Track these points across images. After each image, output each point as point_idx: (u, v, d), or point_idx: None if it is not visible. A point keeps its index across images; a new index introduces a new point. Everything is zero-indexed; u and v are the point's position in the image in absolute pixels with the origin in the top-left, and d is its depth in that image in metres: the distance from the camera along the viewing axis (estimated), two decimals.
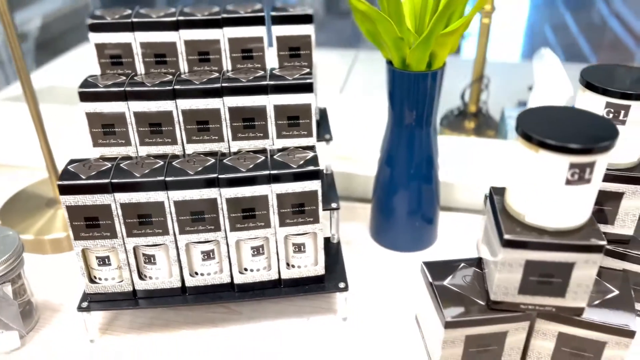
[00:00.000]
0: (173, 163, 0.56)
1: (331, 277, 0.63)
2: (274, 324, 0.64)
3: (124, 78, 0.61)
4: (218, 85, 0.59)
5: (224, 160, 0.56)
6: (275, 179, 0.54)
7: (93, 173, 0.54)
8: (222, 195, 0.55)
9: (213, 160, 0.56)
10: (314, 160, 0.56)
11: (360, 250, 0.76)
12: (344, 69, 1.35)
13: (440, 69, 0.64)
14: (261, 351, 0.61)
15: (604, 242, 0.48)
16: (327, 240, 0.69)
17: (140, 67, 0.65)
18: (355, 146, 0.90)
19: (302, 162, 0.56)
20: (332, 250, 0.68)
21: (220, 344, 0.62)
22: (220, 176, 0.54)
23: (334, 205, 0.66)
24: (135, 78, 0.61)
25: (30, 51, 1.79)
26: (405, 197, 0.72)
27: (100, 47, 0.63)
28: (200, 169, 0.55)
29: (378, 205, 0.75)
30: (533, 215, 0.49)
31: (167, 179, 0.54)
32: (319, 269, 0.61)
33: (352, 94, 1.21)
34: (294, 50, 0.66)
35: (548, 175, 0.47)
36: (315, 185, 0.56)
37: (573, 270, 0.50)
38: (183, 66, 0.65)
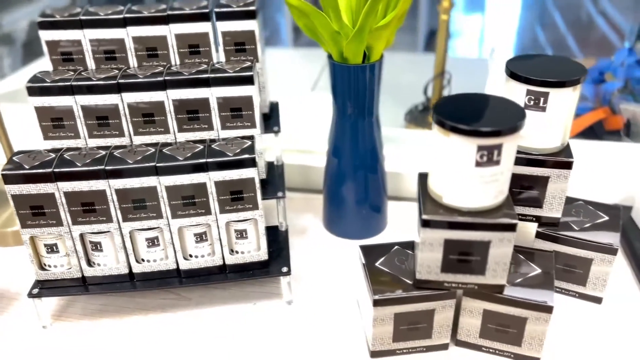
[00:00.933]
0: (115, 153, 0.58)
1: (276, 263, 0.66)
2: (222, 309, 0.67)
3: (72, 73, 0.63)
4: (162, 78, 0.62)
5: (164, 150, 0.59)
6: (212, 167, 0.57)
7: (37, 163, 0.56)
8: (162, 183, 0.57)
9: (153, 150, 0.59)
10: (250, 149, 0.58)
11: (313, 238, 0.78)
12: (317, 68, 1.38)
13: (377, 62, 0.67)
14: (210, 335, 0.63)
15: (515, 221, 0.51)
16: (275, 229, 0.72)
17: (90, 63, 0.67)
18: (316, 140, 0.93)
19: (238, 150, 0.58)
20: (280, 238, 0.70)
21: (170, 329, 0.64)
22: (158, 164, 0.56)
23: (279, 194, 0.69)
24: (83, 73, 0.63)
25: (18, 51, 1.82)
26: (352, 187, 0.75)
27: (51, 45, 0.66)
28: (139, 158, 0.57)
29: (328, 195, 0.78)
30: (450, 197, 0.52)
31: (106, 167, 0.56)
32: (262, 255, 0.64)
33: (323, 92, 1.24)
34: (240, 45, 0.69)
35: (459, 157, 0.49)
36: (251, 172, 0.58)
37: (490, 249, 0.52)
38: (132, 62, 0.68)
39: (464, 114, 0.50)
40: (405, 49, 2.50)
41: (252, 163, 0.58)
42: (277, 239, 0.70)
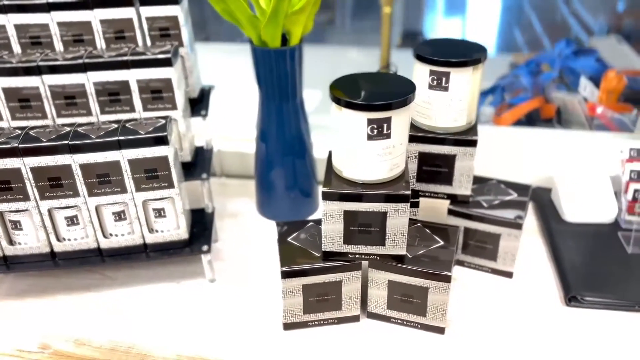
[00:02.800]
0: (30, 132, 0.60)
1: (197, 242, 0.68)
2: (146, 288, 0.68)
3: None
4: (81, 61, 0.63)
5: (79, 129, 0.60)
6: (124, 144, 0.59)
7: None
8: (76, 161, 0.59)
9: (68, 130, 0.60)
10: (163, 128, 0.60)
11: (245, 221, 0.80)
12: None
13: (297, 46, 0.69)
14: (133, 313, 0.65)
15: (407, 192, 0.53)
16: (202, 211, 0.74)
17: (16, 48, 0.69)
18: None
19: (151, 129, 0.60)
20: (206, 219, 0.72)
21: (95, 308, 0.66)
22: (70, 142, 0.58)
23: (203, 175, 0.71)
24: (4, 57, 0.64)
25: None
26: (281, 171, 0.77)
27: None
28: (54, 136, 0.59)
29: (258, 180, 0.80)
30: (348, 171, 0.54)
31: (20, 146, 0.57)
32: (182, 233, 0.66)
33: None
34: (164, 30, 0.71)
35: (352, 131, 0.52)
36: (164, 151, 0.60)
37: (387, 219, 0.55)
38: (58, 47, 0.69)
39: (357, 91, 0.52)
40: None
41: (163, 141, 0.59)
42: (202, 220, 0.72)
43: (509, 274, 0.68)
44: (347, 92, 0.51)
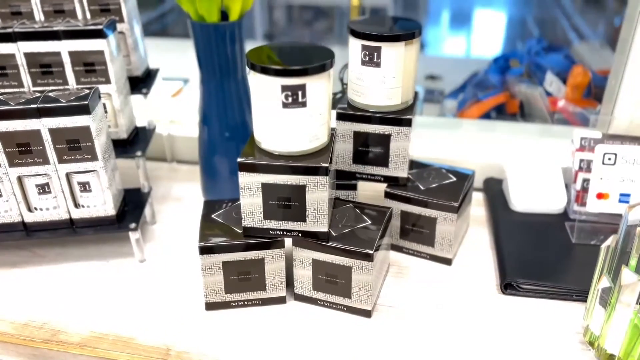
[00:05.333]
0: None
1: (127, 220, 0.66)
2: (75, 266, 0.66)
3: None
4: (10, 30, 0.62)
5: (1, 97, 0.58)
6: (44, 112, 0.57)
7: None
8: None
9: None
10: (85, 97, 0.58)
11: (187, 206, 0.78)
12: None
13: (235, 22, 0.67)
14: (55, 291, 0.63)
15: (325, 165, 0.51)
16: (137, 191, 0.72)
17: None
18: None
19: (73, 97, 0.58)
20: (140, 199, 0.70)
21: (17, 284, 0.64)
22: None
23: (138, 153, 0.69)
24: None
25: None
26: (224, 155, 0.75)
27: None
28: None
29: (202, 164, 0.78)
30: (266, 142, 0.53)
31: None
32: (109, 209, 0.64)
33: None
34: (104, 6, 0.69)
35: (266, 98, 0.50)
36: (85, 120, 0.58)
37: (306, 193, 0.53)
38: None
39: (273, 57, 0.50)
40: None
41: (84, 110, 0.58)
42: (136, 199, 0.70)
43: (447, 261, 0.66)
44: (264, 58, 0.50)
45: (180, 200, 0.80)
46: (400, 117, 0.60)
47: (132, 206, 0.68)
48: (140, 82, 0.75)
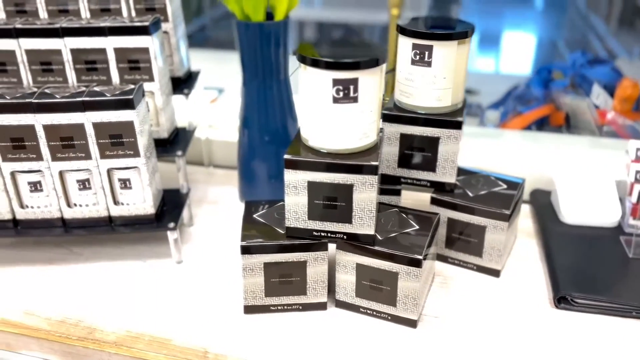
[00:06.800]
0: None
1: (165, 220, 0.64)
2: (111, 265, 0.65)
3: None
4: (58, 26, 0.62)
5: (46, 90, 0.58)
6: (88, 106, 0.56)
7: None
8: (39, 121, 0.57)
9: (35, 90, 0.58)
10: (130, 92, 0.58)
11: (224, 209, 0.77)
12: None
13: (281, 21, 0.66)
14: (91, 288, 0.61)
15: (376, 163, 0.49)
16: (177, 191, 0.71)
17: (1, 14, 0.68)
18: None
19: (118, 92, 0.58)
20: (179, 199, 0.69)
21: (53, 281, 0.63)
22: (34, 101, 0.56)
23: (178, 153, 0.68)
24: None
25: None
26: (263, 159, 0.74)
27: None
28: (19, 95, 0.57)
29: (241, 167, 0.77)
30: (314, 139, 0.51)
31: None
32: (148, 207, 0.63)
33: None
34: (150, 5, 0.69)
35: (317, 92, 0.48)
36: (129, 115, 0.57)
37: (353, 193, 0.51)
38: (43, 16, 0.69)
39: (324, 51, 0.49)
40: None
41: (129, 105, 0.57)
42: (175, 199, 0.69)
43: (495, 273, 0.63)
44: (314, 51, 0.48)
45: (216, 204, 0.78)
46: (450, 119, 0.58)
47: (171, 206, 0.67)
48: (182, 82, 0.74)
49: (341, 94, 0.48)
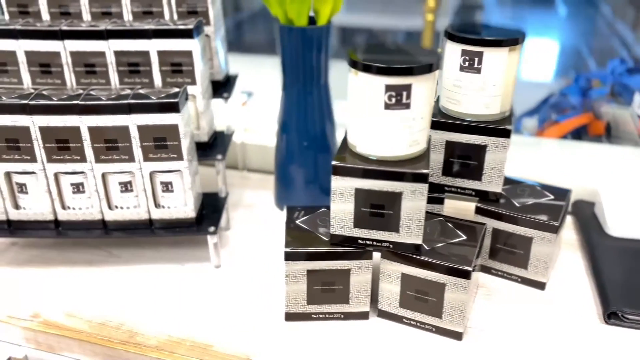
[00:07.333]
0: (43, 92, 0.58)
1: (205, 224, 0.64)
2: (150, 268, 0.65)
3: (22, 20, 0.64)
4: (103, 28, 0.62)
5: (92, 92, 0.58)
6: (134, 108, 0.56)
7: None
8: (84, 123, 0.57)
9: (81, 91, 0.58)
10: (175, 95, 0.58)
11: (260, 213, 0.77)
12: None
13: (324, 26, 0.66)
14: (131, 291, 0.61)
15: (426, 171, 0.48)
16: (215, 195, 0.70)
17: (46, 16, 0.69)
18: None
19: (163, 95, 0.57)
20: (218, 203, 0.69)
21: (93, 283, 0.63)
22: (80, 102, 0.56)
23: (218, 157, 0.68)
24: (29, 21, 0.64)
25: None
26: (301, 164, 0.73)
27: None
28: (64, 96, 0.57)
29: (277, 171, 0.76)
30: (362, 145, 0.50)
31: (30, 102, 0.56)
32: (189, 211, 0.62)
33: None
34: (192, 8, 0.69)
35: (368, 99, 0.47)
36: (174, 118, 0.57)
37: (402, 202, 0.50)
38: (86, 18, 0.69)
39: (376, 56, 0.48)
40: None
41: (174, 108, 0.57)
42: (214, 203, 0.68)
43: (540, 285, 0.61)
44: (366, 56, 0.48)
45: (251, 208, 0.78)
46: (499, 128, 0.57)
47: (209, 210, 0.67)
48: (220, 86, 0.74)
49: (393, 100, 0.47)
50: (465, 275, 0.51)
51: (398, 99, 0.47)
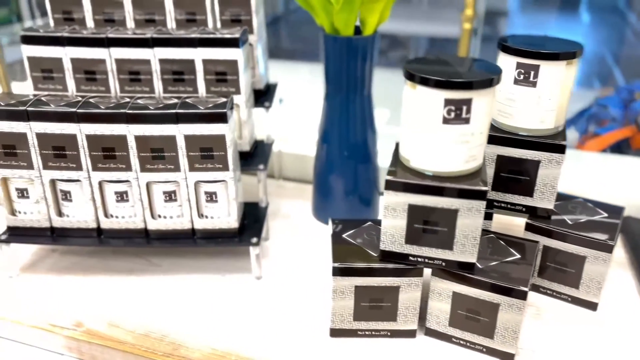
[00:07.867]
0: (90, 100, 0.58)
1: (247, 234, 0.63)
2: (190, 278, 0.64)
3: (68, 28, 0.64)
4: (149, 36, 0.62)
5: (139, 101, 0.58)
6: (182, 118, 0.56)
7: (12, 101, 0.57)
8: (131, 132, 0.57)
9: (128, 100, 0.58)
10: (223, 105, 0.57)
11: (298, 223, 0.76)
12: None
13: (370, 36, 0.65)
14: (172, 301, 0.61)
15: (485, 188, 0.47)
16: (255, 205, 0.70)
17: (90, 23, 0.69)
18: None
19: (210, 105, 0.57)
20: (259, 213, 0.68)
21: (134, 292, 0.62)
22: (127, 111, 0.56)
23: (260, 166, 0.67)
24: (75, 28, 0.64)
25: None
26: (341, 175, 0.72)
27: (54, 3, 0.68)
28: (111, 105, 0.57)
29: (316, 181, 0.75)
30: (417, 159, 0.49)
31: (78, 110, 0.56)
32: (232, 222, 0.62)
33: None
34: (236, 16, 0.69)
35: (426, 113, 0.46)
36: (222, 129, 0.57)
37: (457, 219, 0.48)
38: (130, 25, 0.69)
39: (435, 69, 0.47)
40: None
41: (222, 119, 0.56)
42: (255, 213, 0.68)
43: (593, 305, 0.59)
44: (424, 69, 0.46)
45: (289, 218, 0.77)
46: (554, 142, 0.55)
47: (250, 220, 0.66)
48: (261, 95, 0.73)
49: (452, 114, 0.45)
50: (522, 296, 0.49)
51: (457, 113, 0.45)
